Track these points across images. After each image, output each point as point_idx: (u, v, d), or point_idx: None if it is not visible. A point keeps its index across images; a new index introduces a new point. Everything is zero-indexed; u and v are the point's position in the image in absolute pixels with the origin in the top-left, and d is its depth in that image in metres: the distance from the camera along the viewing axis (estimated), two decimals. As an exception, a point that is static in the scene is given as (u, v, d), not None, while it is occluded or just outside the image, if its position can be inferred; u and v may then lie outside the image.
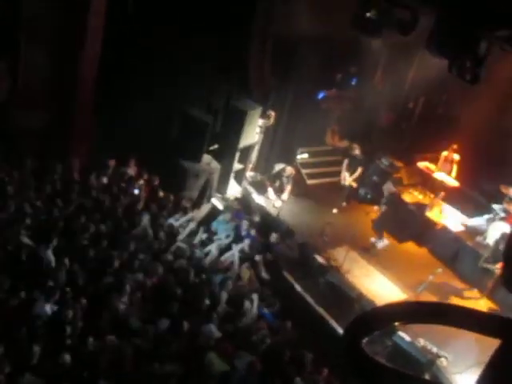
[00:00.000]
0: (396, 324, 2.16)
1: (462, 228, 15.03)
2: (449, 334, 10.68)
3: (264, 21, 13.91)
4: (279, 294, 11.85)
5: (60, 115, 13.21)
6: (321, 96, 17.65)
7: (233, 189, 15.62)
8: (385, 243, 14.91)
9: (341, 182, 16.41)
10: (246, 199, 15.27)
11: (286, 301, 11.85)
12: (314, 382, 9.64)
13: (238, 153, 15.33)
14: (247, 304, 10.85)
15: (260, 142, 16.15)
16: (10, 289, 9.12)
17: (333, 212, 15.89)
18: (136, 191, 13.02)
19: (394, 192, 15.39)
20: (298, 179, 16.53)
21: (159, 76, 13.80)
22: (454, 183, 15.77)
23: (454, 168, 15.92)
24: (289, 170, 15.76)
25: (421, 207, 15.50)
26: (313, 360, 10.03)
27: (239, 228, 13.14)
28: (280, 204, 15.16)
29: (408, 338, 11.11)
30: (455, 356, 11.29)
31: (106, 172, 13.20)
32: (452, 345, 11.17)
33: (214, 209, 14.90)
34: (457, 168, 15.91)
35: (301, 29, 14.07)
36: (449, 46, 9.77)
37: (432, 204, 15.56)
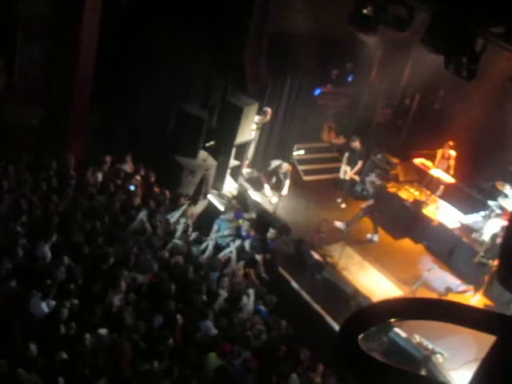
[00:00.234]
0: (392, 320, 2.16)
1: (458, 225, 15.05)
2: (445, 331, 10.71)
3: (260, 17, 13.88)
4: (275, 291, 11.84)
5: (56, 111, 13.19)
6: (317, 92, 17.65)
7: (229, 185, 15.61)
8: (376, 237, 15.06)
9: (340, 177, 16.41)
10: (243, 196, 15.26)
11: (282, 297, 11.84)
12: (310, 378, 9.65)
13: (234, 149, 15.32)
14: (244, 299, 10.86)
15: (256, 139, 16.14)
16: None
17: (341, 207, 15.99)
18: (132, 187, 12.99)
19: (379, 185, 15.32)
20: (295, 176, 16.52)
21: (155, 72, 13.78)
22: (450, 180, 15.79)
23: (452, 164, 15.94)
24: (285, 167, 15.74)
25: (417, 204, 15.52)
26: (309, 356, 10.05)
27: (240, 228, 13.09)
28: (276, 200, 15.15)
29: (404, 335, 11.13)
30: (451, 352, 11.31)
31: (102, 168, 13.17)
32: (448, 341, 11.19)
33: (211, 205, 14.90)
34: (454, 164, 15.93)
35: (297, 25, 14.07)
36: (445, 43, 9.76)
37: (428, 200, 15.59)
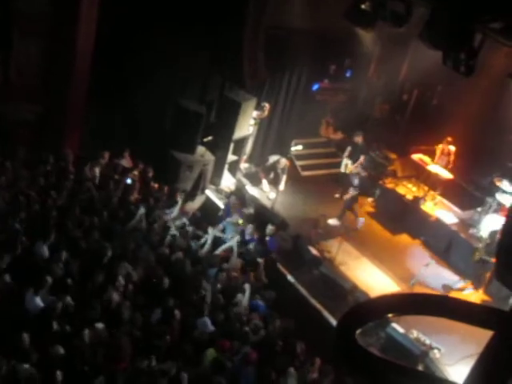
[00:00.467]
0: (389, 316, 2.17)
1: (456, 220, 15.07)
2: (442, 326, 10.69)
3: (257, 11, 13.86)
4: (273, 286, 11.85)
5: (53, 107, 13.16)
6: (315, 88, 17.64)
7: (227, 180, 15.61)
8: (362, 221, 15.14)
9: (341, 171, 16.42)
10: (240, 191, 15.25)
11: (280, 293, 11.85)
12: (308, 372, 9.67)
13: (232, 144, 15.31)
14: (240, 295, 10.87)
15: (254, 134, 16.13)
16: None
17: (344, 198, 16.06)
18: (128, 181, 12.98)
19: (364, 176, 15.29)
20: (292, 171, 16.52)
21: (153, 68, 13.76)
22: (448, 176, 15.80)
23: (452, 160, 15.94)
24: (283, 162, 15.75)
25: (414, 199, 15.54)
26: (306, 351, 10.07)
27: (244, 231, 13.05)
28: (274, 196, 15.15)
29: (401, 330, 11.15)
30: (448, 347, 11.34)
31: (100, 163, 13.15)
32: (445, 336, 11.22)
33: (209, 200, 14.90)
34: (453, 159, 15.93)
35: (294, 20, 14.06)
36: (443, 38, 9.76)
37: (426, 196, 15.60)
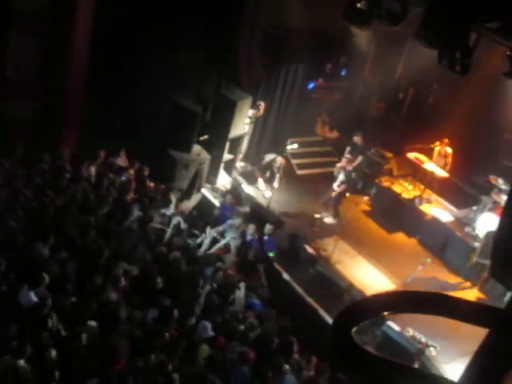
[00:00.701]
0: (385, 314, 2.18)
1: (452, 219, 15.09)
2: (438, 324, 10.74)
3: (253, 10, 13.86)
4: (269, 284, 11.85)
5: (51, 105, 13.14)
6: (311, 86, 17.65)
7: (223, 179, 15.61)
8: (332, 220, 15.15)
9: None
10: (236, 190, 15.25)
11: (276, 291, 11.86)
12: (303, 370, 9.68)
13: (228, 143, 15.31)
14: (236, 293, 10.86)
15: (250, 133, 16.13)
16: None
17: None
18: (123, 178, 12.97)
19: (350, 171, 15.26)
20: (288, 169, 16.52)
21: (149, 66, 13.75)
22: (444, 174, 15.81)
23: (449, 162, 15.95)
24: (279, 161, 15.74)
25: (410, 198, 15.56)
26: (302, 349, 10.08)
27: (246, 233, 13.02)
28: (270, 194, 15.15)
29: (397, 328, 11.16)
30: (444, 345, 11.36)
31: (96, 162, 13.13)
32: (441, 334, 11.24)
33: (204, 199, 14.89)
34: (451, 160, 15.94)
35: (291, 19, 14.06)
36: (439, 37, 9.76)
37: (422, 195, 15.62)
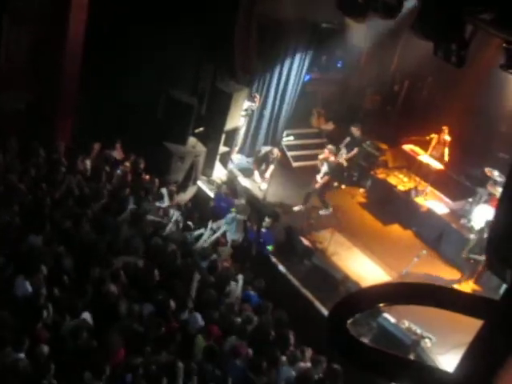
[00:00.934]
0: (381, 305, 2.18)
1: (447, 211, 15.13)
2: (433, 316, 10.75)
3: (249, 1, 13.83)
4: (265, 277, 11.85)
5: (44, 96, 13.10)
6: (306, 78, 17.63)
7: (218, 172, 15.60)
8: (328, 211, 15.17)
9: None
10: (232, 182, 15.25)
11: (272, 283, 11.87)
12: (299, 361, 9.70)
13: (224, 135, 15.29)
14: (232, 285, 10.86)
15: (245, 125, 16.11)
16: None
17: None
18: (118, 171, 12.96)
19: (334, 161, 15.24)
20: (284, 162, 16.53)
21: (144, 59, 13.71)
22: (439, 166, 15.83)
23: (446, 150, 15.96)
24: (276, 152, 15.72)
25: (406, 190, 15.59)
26: (298, 341, 10.09)
27: (248, 228, 12.98)
28: (266, 187, 15.15)
29: (393, 320, 11.18)
30: (439, 337, 11.39)
31: (91, 155, 13.11)
32: (436, 326, 11.27)
33: (200, 191, 14.88)
34: (448, 149, 15.95)
35: (286, 10, 14.01)
36: (434, 29, 9.74)
37: (417, 187, 15.64)
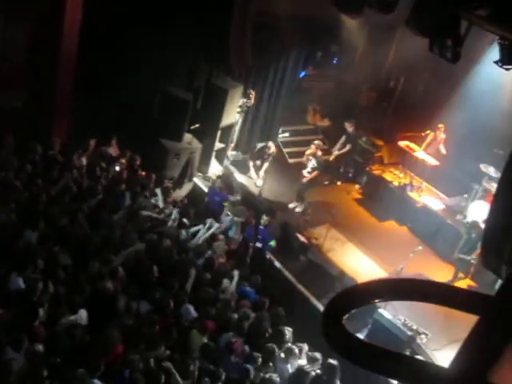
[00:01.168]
0: (376, 301, 2.19)
1: (443, 206, 15.16)
2: (429, 311, 10.81)
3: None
4: (261, 273, 11.87)
5: (40, 94, 13.08)
6: (302, 75, 17.62)
7: (214, 168, 15.60)
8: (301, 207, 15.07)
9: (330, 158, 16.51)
10: (228, 178, 15.25)
11: (268, 279, 11.89)
12: (295, 358, 9.73)
13: (219, 132, 15.29)
14: (226, 281, 10.87)
15: (240, 122, 16.10)
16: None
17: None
18: (117, 168, 12.95)
19: (321, 157, 15.21)
20: (280, 158, 16.53)
21: (140, 55, 13.70)
22: (435, 162, 15.85)
23: (442, 147, 15.98)
24: (272, 147, 15.70)
25: (401, 186, 15.61)
26: (294, 337, 10.12)
27: (246, 229, 13.00)
28: (261, 183, 15.15)
29: (388, 316, 11.21)
30: (435, 333, 11.43)
31: (87, 152, 13.10)
32: (432, 322, 11.31)
33: (196, 188, 14.88)
34: (445, 147, 15.98)
35: (282, 7, 14.00)
36: (429, 25, 9.77)
37: (413, 183, 15.66)
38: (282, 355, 9.64)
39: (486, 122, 15.24)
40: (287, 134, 17.30)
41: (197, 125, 15.45)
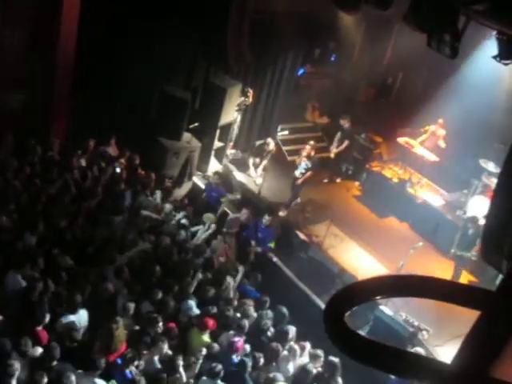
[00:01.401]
0: (378, 298, 2.18)
1: (443, 202, 15.15)
2: (430, 307, 10.79)
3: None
4: (261, 271, 11.86)
5: (38, 95, 13.07)
6: (300, 72, 17.62)
7: (213, 167, 15.58)
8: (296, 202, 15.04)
9: (331, 156, 16.48)
10: (228, 177, 15.24)
11: (269, 277, 11.88)
12: (298, 355, 9.73)
13: (218, 130, 15.28)
14: (228, 279, 10.86)
15: (239, 120, 16.08)
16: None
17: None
18: (118, 169, 12.94)
19: (315, 156, 15.16)
20: (279, 156, 16.52)
21: (138, 55, 13.69)
22: (434, 158, 15.85)
23: (441, 142, 15.96)
24: (271, 144, 15.67)
25: (401, 182, 15.60)
26: (296, 335, 10.11)
27: (258, 224, 13.00)
28: (261, 181, 15.14)
29: (390, 312, 11.21)
30: (437, 329, 11.43)
31: (86, 152, 13.08)
32: (433, 318, 11.30)
33: (196, 187, 14.87)
34: (444, 142, 15.96)
35: (279, 4, 14.00)
36: (427, 20, 9.75)
37: (412, 179, 15.66)
38: (285, 353, 9.63)
39: (485, 117, 15.25)
40: (287, 132, 17.30)
41: (196, 124, 15.44)
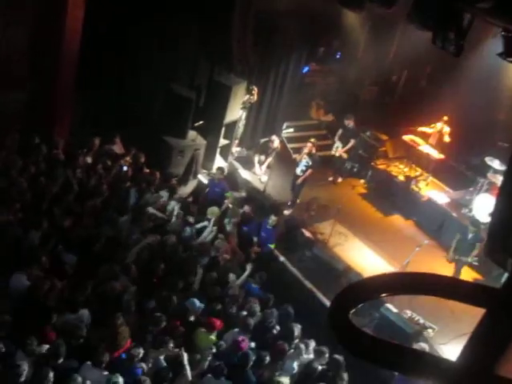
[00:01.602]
0: (383, 296, 2.19)
1: (448, 200, 15.13)
2: (435, 305, 10.80)
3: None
4: (266, 269, 11.86)
5: (42, 94, 13.08)
6: (304, 70, 17.62)
7: (219, 164, 15.58)
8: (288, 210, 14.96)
9: (332, 153, 16.43)
10: (233, 175, 15.25)
11: (273, 275, 11.88)
12: (302, 353, 9.73)
13: (224, 128, 15.28)
14: (232, 276, 10.86)
15: (244, 118, 16.08)
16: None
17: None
18: (125, 168, 12.95)
19: (316, 154, 15.10)
20: (284, 154, 16.52)
21: (143, 54, 13.71)
22: (440, 156, 15.84)
23: (446, 140, 15.94)
24: (276, 141, 15.67)
25: (406, 180, 15.59)
26: (301, 333, 10.11)
27: (263, 224, 13.01)
28: (266, 179, 15.14)
29: (395, 310, 11.21)
30: (442, 326, 11.41)
31: (91, 150, 13.09)
32: (438, 315, 11.30)
33: (201, 185, 14.88)
34: (449, 139, 15.93)
35: (283, 3, 13.99)
36: (431, 18, 9.73)
37: (418, 177, 15.65)
38: (291, 351, 9.64)
39: (490, 115, 15.23)
40: (292, 130, 17.30)
41: (201, 122, 15.45)
